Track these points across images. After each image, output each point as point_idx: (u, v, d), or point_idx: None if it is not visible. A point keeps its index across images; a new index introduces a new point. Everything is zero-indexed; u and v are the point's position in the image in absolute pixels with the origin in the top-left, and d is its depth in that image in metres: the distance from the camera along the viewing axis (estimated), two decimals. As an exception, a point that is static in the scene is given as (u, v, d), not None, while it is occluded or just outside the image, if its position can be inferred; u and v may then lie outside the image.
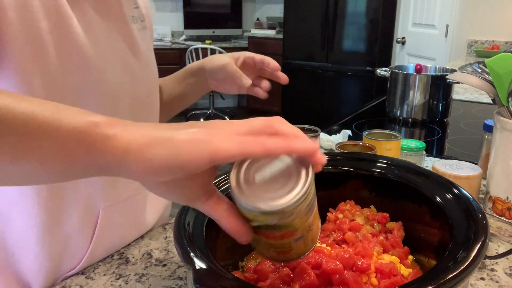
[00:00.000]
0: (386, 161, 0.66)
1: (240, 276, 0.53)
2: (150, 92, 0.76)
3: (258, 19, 5.62)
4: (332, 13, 4.37)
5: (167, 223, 0.84)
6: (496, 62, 0.80)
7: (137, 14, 0.72)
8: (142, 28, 0.73)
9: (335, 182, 0.67)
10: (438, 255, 0.54)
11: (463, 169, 0.87)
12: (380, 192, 0.66)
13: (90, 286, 0.66)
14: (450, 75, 1.41)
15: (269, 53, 5.20)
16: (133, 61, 0.70)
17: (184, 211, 0.53)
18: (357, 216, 0.63)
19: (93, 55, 0.60)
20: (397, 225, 0.62)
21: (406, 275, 0.53)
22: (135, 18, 0.71)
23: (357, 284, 0.48)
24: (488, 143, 0.99)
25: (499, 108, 0.83)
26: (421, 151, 0.98)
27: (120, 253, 0.75)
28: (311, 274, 0.48)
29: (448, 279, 0.40)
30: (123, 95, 0.67)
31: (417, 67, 1.58)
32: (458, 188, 0.57)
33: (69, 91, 0.58)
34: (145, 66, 0.73)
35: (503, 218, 0.83)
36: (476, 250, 0.44)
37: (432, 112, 1.52)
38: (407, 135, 1.46)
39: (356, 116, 1.59)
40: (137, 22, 0.72)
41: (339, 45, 4.44)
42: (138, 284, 0.66)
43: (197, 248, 0.46)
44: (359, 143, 0.91)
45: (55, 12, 0.55)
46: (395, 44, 4.07)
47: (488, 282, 0.66)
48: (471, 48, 3.46)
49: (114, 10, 0.65)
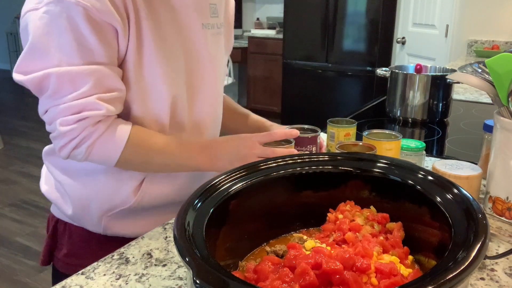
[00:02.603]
0: (386, 161, 0.66)
1: (240, 276, 0.53)
2: (214, 80, 0.99)
3: (258, 19, 5.62)
4: (332, 13, 4.37)
5: (167, 223, 0.84)
6: (496, 62, 0.80)
7: (214, 22, 0.96)
8: (216, 34, 0.97)
9: (335, 182, 0.67)
10: (438, 255, 0.54)
11: (463, 169, 0.87)
12: (380, 192, 0.66)
13: (90, 286, 0.66)
14: (450, 75, 1.41)
15: (269, 53, 5.19)
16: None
17: (184, 211, 0.53)
18: (357, 217, 0.63)
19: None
20: (397, 225, 0.62)
21: (406, 275, 0.53)
22: (210, 25, 0.94)
23: (357, 284, 0.48)
24: (488, 143, 0.99)
25: (499, 108, 0.83)
26: (421, 151, 0.98)
27: (120, 253, 0.75)
28: (311, 274, 0.48)
29: (448, 279, 0.40)
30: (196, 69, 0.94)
31: (417, 67, 1.58)
32: (458, 188, 0.57)
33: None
34: (213, 59, 0.97)
35: (503, 218, 0.83)
36: (476, 250, 0.44)
37: (432, 112, 1.52)
38: (407, 135, 1.46)
39: (356, 116, 1.59)
40: (213, 28, 0.95)
41: (339, 45, 4.44)
42: (138, 284, 0.66)
43: (197, 248, 0.46)
44: (359, 143, 0.91)
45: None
46: (395, 44, 4.07)
47: (488, 282, 0.66)
48: (471, 48, 3.46)
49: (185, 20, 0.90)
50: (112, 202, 0.92)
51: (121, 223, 0.95)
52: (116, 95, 0.81)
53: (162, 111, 0.89)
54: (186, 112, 0.94)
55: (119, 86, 0.82)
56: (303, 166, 0.67)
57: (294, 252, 0.52)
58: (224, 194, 0.58)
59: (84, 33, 0.76)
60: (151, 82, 0.86)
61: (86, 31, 0.76)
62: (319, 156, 0.68)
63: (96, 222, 0.94)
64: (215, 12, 0.97)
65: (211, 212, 0.55)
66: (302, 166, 0.67)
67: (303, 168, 0.66)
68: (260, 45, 5.18)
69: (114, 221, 0.94)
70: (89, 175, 0.91)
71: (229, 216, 0.59)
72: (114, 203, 0.92)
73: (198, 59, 0.93)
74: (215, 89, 1.01)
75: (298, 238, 0.64)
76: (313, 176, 0.66)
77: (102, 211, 0.93)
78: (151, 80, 0.86)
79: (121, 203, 0.92)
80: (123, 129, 0.83)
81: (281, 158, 0.67)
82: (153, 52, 0.84)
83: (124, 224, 0.95)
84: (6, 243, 2.78)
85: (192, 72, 0.93)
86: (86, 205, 0.93)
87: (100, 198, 0.92)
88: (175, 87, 0.89)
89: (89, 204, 0.93)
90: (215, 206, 0.56)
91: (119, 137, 0.82)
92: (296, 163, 0.67)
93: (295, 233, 0.68)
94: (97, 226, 0.95)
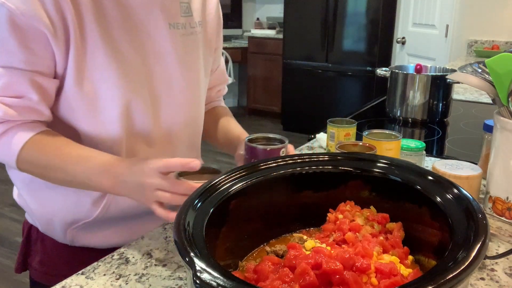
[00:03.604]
0: (386, 161, 0.66)
1: (240, 276, 0.53)
2: (186, 84, 0.92)
3: (258, 19, 5.62)
4: (332, 13, 4.37)
5: (167, 223, 0.84)
6: (496, 62, 0.80)
7: (186, 21, 0.90)
8: (189, 34, 0.91)
9: (335, 182, 0.67)
10: (438, 255, 0.54)
11: (463, 169, 0.87)
12: (380, 192, 0.66)
13: (90, 286, 0.66)
14: (450, 75, 1.41)
15: (269, 53, 5.18)
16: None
17: (184, 211, 0.53)
18: (357, 217, 0.63)
19: None
20: (397, 226, 0.62)
21: (406, 275, 0.53)
22: (180, 25, 0.88)
23: (357, 284, 0.48)
24: (488, 143, 0.99)
25: (499, 108, 0.83)
26: (421, 151, 0.98)
27: (120, 253, 0.75)
28: (311, 274, 0.48)
29: (448, 279, 0.40)
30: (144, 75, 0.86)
31: (417, 67, 1.58)
32: (458, 188, 0.57)
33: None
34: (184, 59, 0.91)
35: (503, 218, 0.83)
36: (476, 250, 0.44)
37: (432, 112, 1.52)
38: (407, 135, 1.46)
39: (356, 116, 1.59)
40: (184, 28, 0.89)
41: (339, 45, 4.44)
42: (138, 284, 0.66)
43: (197, 248, 0.46)
44: (359, 143, 0.91)
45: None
46: (395, 44, 4.07)
47: (488, 282, 0.66)
48: (471, 48, 3.46)
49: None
50: (75, 215, 0.89)
51: (89, 235, 0.91)
52: (23, 102, 0.77)
53: (113, 120, 0.83)
54: (149, 122, 0.87)
55: (30, 94, 0.77)
56: (303, 166, 0.67)
57: (294, 252, 0.52)
58: (224, 194, 0.58)
59: (5, 35, 0.73)
60: (98, 87, 0.80)
61: (7, 33, 0.73)
62: (319, 156, 0.68)
63: (62, 234, 0.91)
64: (188, 11, 0.91)
65: (211, 212, 0.55)
66: (302, 166, 0.67)
67: (303, 168, 0.66)
68: (260, 45, 5.17)
69: (81, 233, 0.91)
70: (49, 188, 0.87)
71: (229, 216, 0.59)
72: (77, 216, 0.89)
73: (162, 62, 0.87)
74: (188, 95, 0.93)
75: (298, 238, 0.64)
76: (313, 176, 0.66)
77: (65, 224, 0.90)
78: (98, 85, 0.80)
79: (84, 216, 0.88)
80: (21, 137, 0.78)
81: (281, 158, 0.67)
82: (101, 54, 0.79)
83: (92, 236, 0.92)
84: (6, 243, 2.78)
85: (154, 76, 0.86)
86: (49, 218, 0.91)
87: (62, 211, 0.89)
88: (130, 93, 0.82)
89: (52, 217, 0.90)
90: (215, 206, 0.56)
91: (14, 146, 0.78)
92: (296, 163, 0.67)
93: (295, 233, 0.68)
94: (63, 238, 0.92)
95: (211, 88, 1.10)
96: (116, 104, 0.82)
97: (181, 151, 0.95)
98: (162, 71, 0.87)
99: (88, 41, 0.78)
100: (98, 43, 0.78)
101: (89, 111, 0.82)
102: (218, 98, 1.17)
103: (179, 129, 0.93)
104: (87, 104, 0.81)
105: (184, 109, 0.93)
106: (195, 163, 0.70)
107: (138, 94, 0.84)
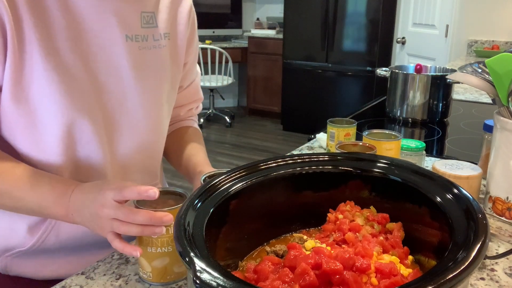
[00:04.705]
0: (386, 161, 0.66)
1: (240, 276, 0.53)
2: (144, 103, 0.83)
3: (258, 19, 5.62)
4: (332, 13, 4.37)
5: (116, 253, 0.83)
6: (496, 62, 0.80)
7: (147, 33, 0.81)
8: (151, 47, 0.82)
9: (335, 182, 0.67)
10: (438, 255, 0.54)
11: (463, 169, 0.87)
12: (380, 192, 0.66)
13: (90, 286, 0.66)
14: (450, 75, 1.41)
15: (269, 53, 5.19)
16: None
17: (184, 211, 0.53)
18: (357, 217, 0.63)
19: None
20: (397, 226, 0.62)
21: (406, 275, 0.53)
22: (140, 37, 0.80)
23: (357, 284, 0.48)
24: (488, 143, 0.99)
25: (499, 108, 0.83)
26: (421, 151, 0.98)
27: (120, 253, 0.75)
28: (311, 274, 0.48)
29: (448, 279, 0.40)
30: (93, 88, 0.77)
31: (417, 67, 1.58)
32: (458, 188, 0.57)
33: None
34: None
35: (503, 218, 0.83)
36: (476, 250, 0.44)
37: (432, 112, 1.52)
38: (407, 135, 1.46)
39: (356, 116, 1.59)
40: (144, 40, 0.81)
41: (339, 45, 4.44)
42: (138, 284, 0.66)
43: (197, 248, 0.46)
44: (359, 143, 0.91)
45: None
46: (395, 44, 4.07)
47: (488, 282, 0.66)
48: (471, 48, 3.46)
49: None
50: (8, 242, 0.82)
51: (23, 265, 0.84)
52: None
53: (53, 140, 0.74)
54: (98, 145, 0.78)
55: None
56: (303, 166, 0.67)
57: (294, 252, 0.52)
58: (224, 194, 0.58)
59: None
60: (37, 104, 0.72)
61: None
62: (319, 156, 0.68)
63: None
64: (152, 21, 0.82)
65: (211, 212, 0.55)
66: (302, 166, 0.67)
67: (303, 168, 0.66)
68: (260, 45, 5.17)
69: (16, 261, 0.84)
70: None
71: (229, 216, 0.59)
72: (10, 243, 0.82)
73: (115, 78, 0.78)
74: (146, 115, 0.83)
75: (298, 238, 0.64)
76: (313, 176, 0.66)
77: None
78: (37, 101, 0.71)
79: (18, 244, 0.81)
80: None
81: (281, 158, 0.67)
82: (40, 66, 0.70)
83: (29, 265, 0.84)
84: (6, 243, 2.77)
85: (106, 93, 0.77)
86: None
87: None
88: (75, 112, 0.74)
89: None
90: (215, 206, 0.56)
91: None
92: (296, 163, 0.67)
93: (295, 233, 0.68)
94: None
95: (180, 107, 1.02)
96: (56, 123, 0.73)
97: (136, 179, 0.87)
98: (115, 88, 0.78)
99: (27, 50, 0.69)
100: (37, 53, 0.69)
101: (28, 130, 0.74)
102: (189, 117, 1.07)
103: (134, 154, 0.85)
104: (25, 122, 0.73)
105: (141, 131, 0.84)
106: (153, 191, 0.62)
107: (85, 114, 0.75)
